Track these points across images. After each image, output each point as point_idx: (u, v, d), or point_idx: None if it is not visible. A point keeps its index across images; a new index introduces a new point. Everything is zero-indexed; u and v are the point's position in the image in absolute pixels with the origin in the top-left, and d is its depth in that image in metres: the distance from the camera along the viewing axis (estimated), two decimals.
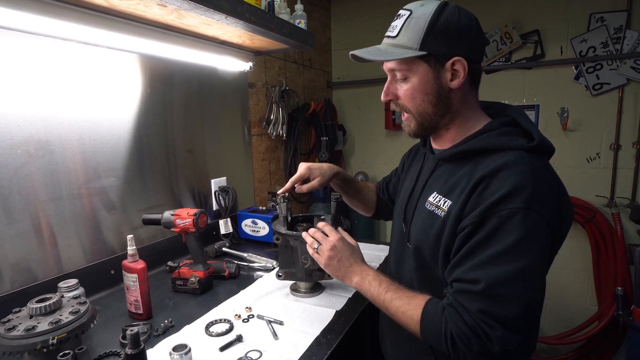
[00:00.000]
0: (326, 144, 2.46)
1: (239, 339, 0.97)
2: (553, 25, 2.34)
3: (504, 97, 2.47)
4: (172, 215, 1.25)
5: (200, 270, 1.26)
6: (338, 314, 1.10)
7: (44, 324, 0.81)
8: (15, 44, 1.05)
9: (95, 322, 0.90)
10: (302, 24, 1.61)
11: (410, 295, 0.80)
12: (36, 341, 0.78)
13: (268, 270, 1.46)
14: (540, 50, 2.38)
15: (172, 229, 1.25)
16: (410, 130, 0.86)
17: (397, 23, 0.80)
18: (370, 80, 2.84)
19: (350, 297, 1.19)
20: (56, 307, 0.86)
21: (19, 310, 0.87)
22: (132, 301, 1.09)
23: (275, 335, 0.99)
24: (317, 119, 2.58)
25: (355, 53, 0.84)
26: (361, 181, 1.32)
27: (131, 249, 1.08)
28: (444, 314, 0.72)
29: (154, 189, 1.50)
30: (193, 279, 1.25)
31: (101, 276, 1.28)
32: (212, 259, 1.58)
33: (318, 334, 1.00)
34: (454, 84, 0.79)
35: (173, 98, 1.57)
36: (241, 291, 1.27)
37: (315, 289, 1.23)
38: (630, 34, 2.16)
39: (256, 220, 1.78)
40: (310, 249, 0.99)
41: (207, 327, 1.03)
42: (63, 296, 0.94)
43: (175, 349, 0.80)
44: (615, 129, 2.25)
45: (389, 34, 0.81)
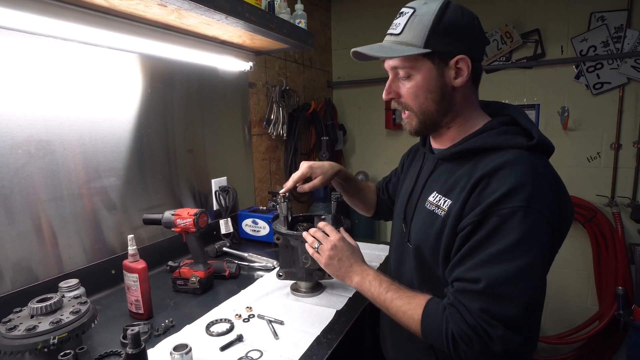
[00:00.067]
0: (326, 143, 2.46)
1: (240, 338, 0.97)
2: (553, 25, 2.33)
3: (504, 97, 2.46)
4: (173, 215, 1.25)
5: (201, 270, 1.26)
6: (339, 313, 1.10)
7: (44, 324, 0.81)
8: (15, 44, 1.05)
9: (96, 322, 0.90)
10: (303, 23, 1.61)
11: (410, 295, 0.80)
12: (37, 341, 0.78)
13: (268, 270, 1.46)
14: (540, 49, 2.38)
15: (173, 229, 1.25)
16: (411, 128, 0.85)
17: (401, 21, 0.79)
18: (370, 80, 2.84)
19: (351, 297, 1.19)
20: (57, 307, 0.86)
21: (20, 310, 0.87)
22: (133, 301, 1.09)
23: (275, 334, 0.99)
24: (318, 119, 2.58)
25: (358, 50, 0.83)
26: (362, 180, 1.32)
27: (132, 248, 1.08)
28: (444, 313, 0.71)
29: (154, 189, 1.50)
30: (194, 279, 1.25)
31: (102, 276, 1.28)
32: (213, 258, 1.58)
33: (318, 333, 1.00)
34: (458, 82, 0.78)
35: (173, 98, 1.57)
36: (242, 291, 1.27)
37: (316, 289, 1.23)
38: (630, 33, 2.16)
39: (257, 220, 1.78)
40: (311, 249, 0.99)
41: (208, 327, 1.03)
42: (64, 296, 0.94)
43: (176, 348, 0.81)
44: (615, 128, 2.25)
45: (392, 31, 0.81)
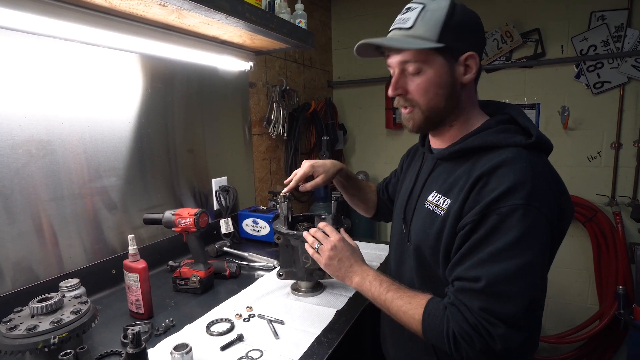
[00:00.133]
0: (327, 143, 2.46)
1: (240, 338, 0.97)
2: (554, 24, 2.33)
3: (504, 96, 2.46)
4: (173, 214, 1.25)
5: (201, 270, 1.27)
6: (339, 313, 1.10)
7: (45, 324, 0.81)
8: (16, 44, 1.06)
9: (96, 322, 0.90)
10: (303, 23, 1.61)
11: (411, 294, 0.80)
12: (37, 340, 0.78)
13: (269, 269, 1.46)
14: (540, 48, 2.38)
15: (173, 229, 1.25)
16: (414, 123, 0.83)
17: (410, 15, 0.77)
18: (370, 80, 2.84)
19: (351, 297, 1.19)
20: (57, 307, 0.86)
21: (21, 310, 0.87)
22: (133, 301, 1.09)
23: (276, 334, 0.99)
24: (318, 119, 2.58)
25: (369, 41, 0.79)
26: (363, 180, 1.31)
27: (132, 248, 1.08)
28: (445, 312, 0.71)
29: (154, 189, 1.50)
30: (194, 279, 1.25)
31: (102, 276, 1.29)
32: (213, 258, 1.58)
33: (319, 333, 1.00)
34: (466, 78, 0.78)
35: (174, 98, 1.57)
36: (242, 290, 1.27)
37: (316, 289, 1.23)
38: (631, 32, 2.16)
39: (257, 219, 1.78)
40: (311, 249, 0.99)
41: (208, 327, 1.03)
42: (64, 296, 0.94)
43: (176, 348, 0.81)
44: (616, 127, 2.25)
45: (401, 25, 0.78)
